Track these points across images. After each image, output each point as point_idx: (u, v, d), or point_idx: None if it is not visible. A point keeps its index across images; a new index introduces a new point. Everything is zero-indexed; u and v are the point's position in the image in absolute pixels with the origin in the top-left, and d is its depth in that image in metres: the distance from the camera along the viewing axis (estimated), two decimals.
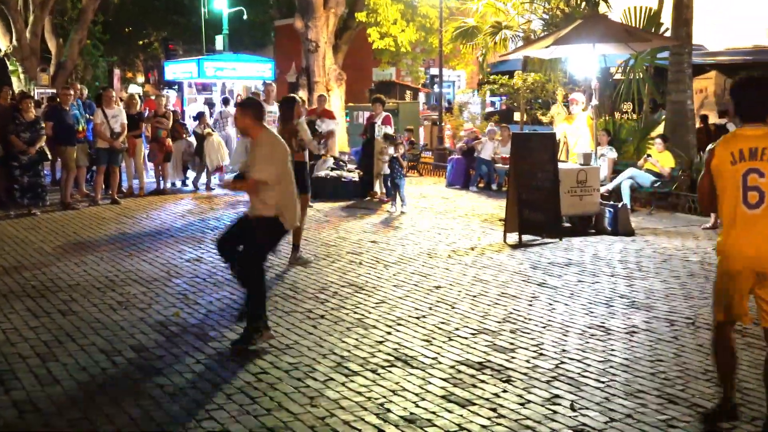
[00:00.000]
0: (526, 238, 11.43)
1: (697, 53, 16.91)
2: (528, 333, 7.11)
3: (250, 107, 7.10)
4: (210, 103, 23.04)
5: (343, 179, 16.27)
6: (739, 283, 5.05)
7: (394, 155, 14.36)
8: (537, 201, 11.55)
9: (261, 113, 7.07)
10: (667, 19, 16.89)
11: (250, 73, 28.24)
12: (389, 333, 7.13)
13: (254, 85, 26.07)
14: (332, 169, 16.77)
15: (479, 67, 26.09)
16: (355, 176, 16.41)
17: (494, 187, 17.44)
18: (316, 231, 12.35)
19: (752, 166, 4.96)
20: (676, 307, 7.98)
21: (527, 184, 11.60)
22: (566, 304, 8.11)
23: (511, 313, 7.78)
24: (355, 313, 7.80)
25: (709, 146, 5.30)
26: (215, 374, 6.08)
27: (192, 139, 17.56)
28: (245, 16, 37.91)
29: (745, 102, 5.13)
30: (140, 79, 51.43)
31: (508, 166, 13.44)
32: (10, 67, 27.49)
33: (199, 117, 18.02)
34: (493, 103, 28.17)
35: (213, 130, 17.55)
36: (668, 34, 16.49)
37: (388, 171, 15.10)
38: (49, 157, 14.40)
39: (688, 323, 7.44)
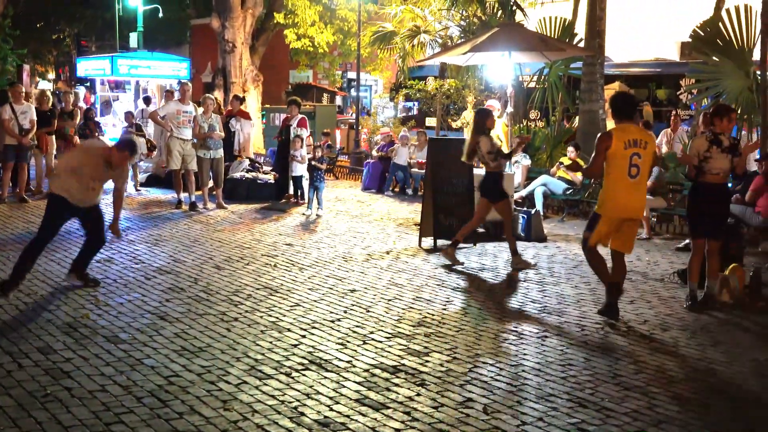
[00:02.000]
0: (441, 242, 11.52)
1: (605, 64, 17.31)
2: (442, 337, 7.16)
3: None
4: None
5: (258, 181, 16.18)
6: (613, 224, 7.90)
7: (313, 160, 14.34)
8: (452, 206, 11.66)
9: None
10: (580, 29, 17.25)
11: (165, 71, 27.88)
12: (304, 336, 7.10)
13: (169, 84, 25.72)
14: (248, 171, 16.67)
15: (396, 73, 26.24)
16: (270, 178, 16.33)
17: (409, 191, 17.55)
18: (230, 233, 12.24)
19: (635, 151, 7.72)
20: (586, 312, 8.14)
21: (443, 189, 11.70)
22: (480, 309, 8.19)
23: (426, 317, 7.83)
24: (270, 315, 7.74)
25: (601, 135, 7.97)
26: (125, 377, 5.95)
27: (104, 138, 17.23)
28: (161, 14, 37.41)
29: (622, 107, 7.99)
30: (51, 75, 50.23)
31: (423, 170, 13.53)
32: None
33: (126, 115, 17.85)
34: (409, 108, 28.35)
35: (136, 131, 17.28)
36: (581, 44, 16.84)
37: (300, 173, 15.11)
38: None
39: (598, 328, 7.59)
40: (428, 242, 11.57)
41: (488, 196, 10.36)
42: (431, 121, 23.52)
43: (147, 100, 21.53)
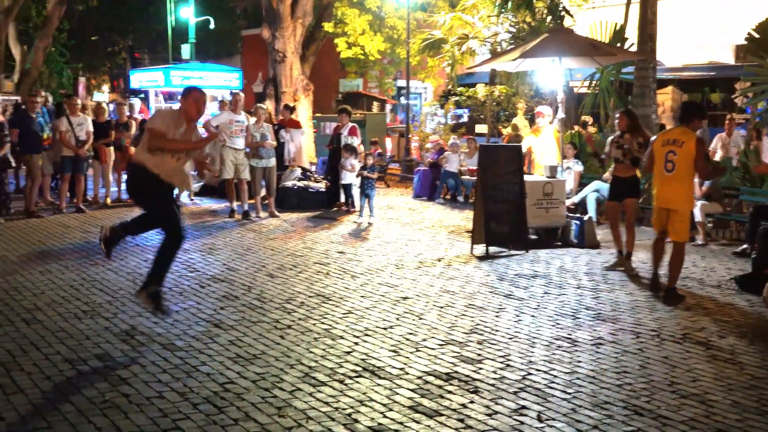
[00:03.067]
0: (492, 249, 11.49)
1: (657, 68, 17.13)
2: (495, 344, 7.14)
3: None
4: None
5: (309, 189, 16.28)
6: (658, 213, 9.12)
7: (364, 167, 14.38)
8: (504, 213, 11.63)
9: None
10: (631, 33, 17.10)
11: (217, 82, 28.16)
12: (356, 343, 7.12)
13: (221, 95, 25.96)
14: (299, 179, 16.77)
15: (446, 80, 26.21)
16: (321, 186, 16.42)
17: (461, 198, 17.53)
18: (282, 241, 12.33)
19: (670, 149, 8.86)
20: (641, 319, 8.05)
21: (494, 196, 11.66)
22: (533, 316, 8.15)
23: (478, 324, 7.81)
24: (323, 323, 7.78)
25: (651, 138, 9.54)
26: (182, 384, 6.03)
27: None
28: (212, 26, 37.81)
29: (680, 113, 9.39)
30: (106, 87, 51.05)
31: (474, 178, 13.50)
32: None
33: None
34: (459, 116, 28.30)
35: None
36: (633, 49, 16.68)
37: (349, 181, 15.18)
38: (13, 164, 14.26)
39: (653, 335, 7.50)
40: (480, 249, 11.54)
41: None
42: (481, 128, 23.44)
43: None
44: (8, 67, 27.81)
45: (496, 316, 8.11)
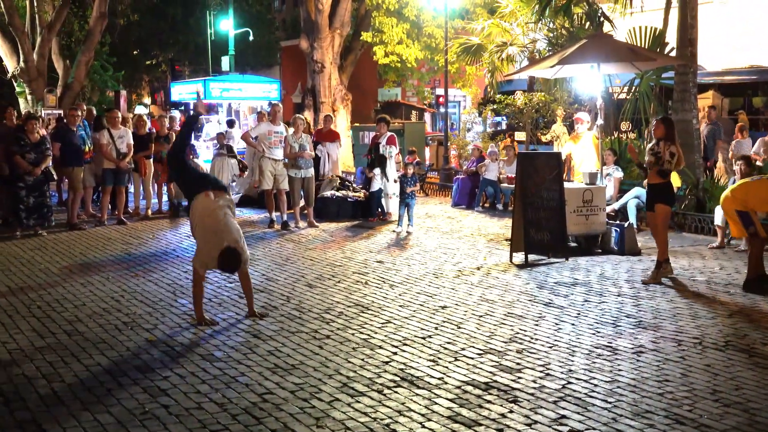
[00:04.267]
0: (532, 257, 11.43)
1: (698, 73, 16.93)
2: (534, 353, 7.09)
3: None
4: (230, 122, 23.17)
5: (348, 199, 16.31)
6: None
7: (404, 177, 14.36)
8: (543, 221, 11.56)
9: None
10: (671, 38, 16.93)
11: (256, 93, 28.34)
12: (395, 353, 7.11)
13: (260, 106, 26.13)
14: (338, 189, 16.81)
15: (484, 88, 26.14)
16: (360, 196, 16.44)
17: (500, 206, 17.46)
18: (321, 251, 12.35)
19: None
20: (683, 327, 7.95)
21: (533, 203, 11.60)
22: (573, 324, 8.08)
23: (518, 333, 7.76)
24: (361, 333, 7.78)
25: None
26: (221, 395, 6.06)
27: (198, 161, 17.64)
28: (251, 37, 38.11)
29: None
30: (146, 100, 51.61)
31: (513, 185, 13.44)
32: (17, 89, 27.61)
33: (217, 136, 18.16)
34: (498, 123, 28.20)
35: (227, 153, 17.64)
36: (673, 53, 16.51)
37: (377, 188, 15.19)
38: (55, 177, 14.45)
39: (695, 343, 7.40)
40: (519, 257, 11.48)
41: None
42: (520, 136, 23.36)
43: (231, 123, 21.91)
44: (51, 81, 28.19)
45: (536, 325, 8.05)
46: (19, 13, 27.17)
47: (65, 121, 15.71)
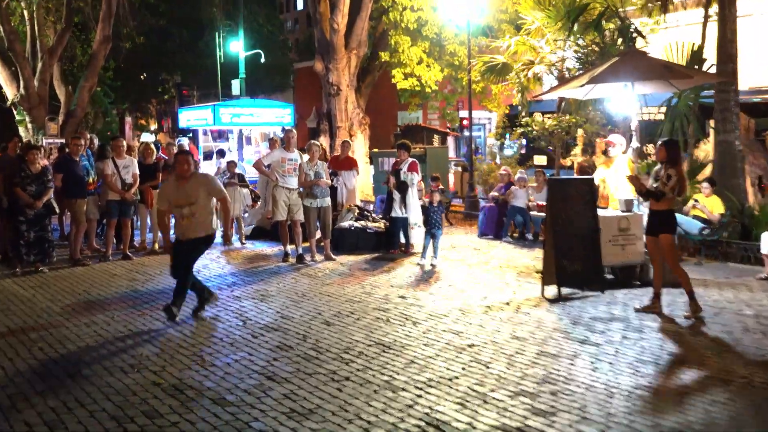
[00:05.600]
0: (565, 291, 11.36)
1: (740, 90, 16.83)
2: (569, 395, 7.03)
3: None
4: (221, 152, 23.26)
5: (367, 230, 16.29)
6: None
7: (434, 205, 14.34)
8: (576, 251, 11.49)
9: None
10: (710, 54, 16.90)
11: (268, 118, 28.44)
12: (419, 396, 7.06)
13: (273, 132, 26.23)
14: (356, 219, 16.79)
15: (517, 106, 26.11)
16: (380, 227, 16.42)
17: (530, 236, 17.39)
18: (339, 286, 12.34)
19: None
20: (730, 366, 7.86)
21: (565, 233, 11.54)
22: (611, 363, 8.01)
23: (551, 373, 7.70)
24: (383, 374, 7.74)
25: None
26: None
27: None
28: (263, 59, 38.35)
29: None
30: (153, 126, 51.98)
31: (544, 213, 13.40)
32: (17, 117, 27.78)
33: (228, 165, 18.16)
34: (523, 146, 28.16)
35: (239, 182, 17.65)
36: (712, 70, 16.47)
37: (397, 214, 15.14)
38: (57, 210, 14.47)
39: (744, 383, 7.31)
40: (552, 291, 11.42)
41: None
42: (540, 160, 23.33)
43: (221, 153, 21.97)
44: (53, 108, 28.39)
45: (571, 364, 7.99)
46: (20, 37, 27.43)
47: (67, 150, 15.74)
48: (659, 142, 10.80)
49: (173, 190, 10.29)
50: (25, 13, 27.19)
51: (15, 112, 27.86)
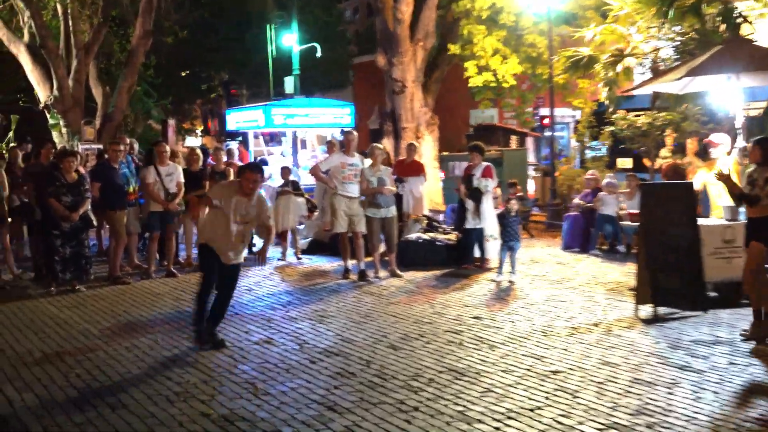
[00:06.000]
0: (662, 310, 11.25)
1: None
2: (668, 428, 6.97)
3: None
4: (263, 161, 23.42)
5: (437, 243, 16.27)
6: None
7: (512, 214, 14.26)
8: (674, 265, 11.36)
9: None
10: None
11: (325, 119, 28.54)
12: (498, 429, 7.06)
13: (331, 134, 26.31)
14: (424, 231, 16.78)
15: (599, 105, 25.88)
16: (451, 239, 16.40)
17: (621, 249, 17.24)
18: (406, 306, 12.36)
19: None
20: None
21: (662, 245, 11.43)
22: (715, 393, 7.92)
23: (647, 403, 7.63)
24: (456, 404, 7.74)
25: None
26: None
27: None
28: (319, 54, 38.50)
29: None
30: (199, 129, 52.43)
31: (637, 223, 13.28)
32: (51, 120, 27.90)
33: (282, 171, 18.25)
34: (619, 148, 27.82)
35: (293, 190, 17.67)
36: None
37: (471, 225, 15.05)
38: (95, 223, 14.59)
39: None
40: (647, 310, 11.31)
41: None
42: (624, 163, 23.10)
43: (263, 164, 22.03)
44: (89, 110, 28.60)
45: (669, 393, 7.92)
46: (53, 33, 27.75)
47: (106, 157, 15.87)
48: (753, 141, 10.58)
49: (233, 200, 10.17)
50: (59, 6, 27.44)
51: (48, 116, 28.11)
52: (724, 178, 10.53)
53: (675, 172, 16.47)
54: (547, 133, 28.66)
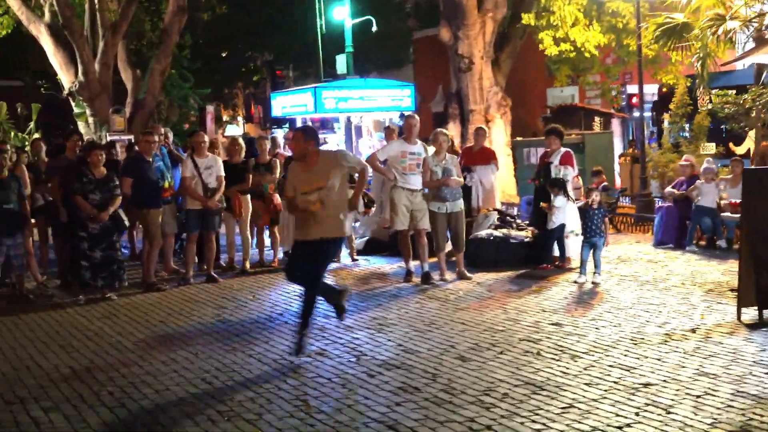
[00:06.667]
0: None
1: None
2: None
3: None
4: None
5: (510, 240, 16.22)
6: None
7: (595, 207, 14.19)
8: None
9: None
10: None
11: (382, 103, 28.48)
12: None
13: (389, 118, 26.31)
14: (496, 227, 16.73)
15: (692, 79, 25.62)
16: (526, 235, 16.35)
17: (721, 244, 17.10)
18: (476, 312, 12.37)
19: None
20: None
21: (765, 236, 11.33)
22: None
23: (752, 419, 7.60)
24: (534, 421, 7.76)
25: None
26: None
27: None
28: (374, 28, 38.47)
29: None
30: (240, 117, 52.60)
31: (739, 215, 13.18)
32: (76, 109, 27.86)
33: None
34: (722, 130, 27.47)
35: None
36: None
37: (557, 224, 14.96)
38: (127, 224, 14.63)
39: None
40: (751, 314, 11.23)
41: None
42: (707, 148, 22.89)
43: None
44: (118, 97, 28.58)
45: None
46: (77, 12, 27.82)
47: (137, 149, 15.92)
48: None
49: (297, 174, 10.46)
50: None
51: (73, 104, 28.14)
52: None
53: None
54: (636, 114, 28.40)
